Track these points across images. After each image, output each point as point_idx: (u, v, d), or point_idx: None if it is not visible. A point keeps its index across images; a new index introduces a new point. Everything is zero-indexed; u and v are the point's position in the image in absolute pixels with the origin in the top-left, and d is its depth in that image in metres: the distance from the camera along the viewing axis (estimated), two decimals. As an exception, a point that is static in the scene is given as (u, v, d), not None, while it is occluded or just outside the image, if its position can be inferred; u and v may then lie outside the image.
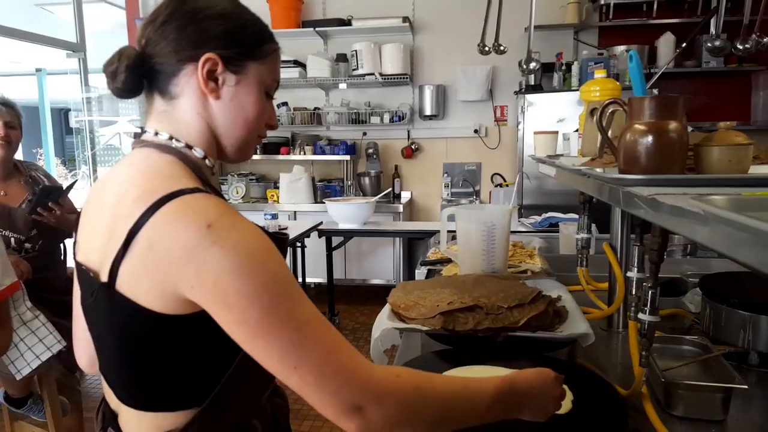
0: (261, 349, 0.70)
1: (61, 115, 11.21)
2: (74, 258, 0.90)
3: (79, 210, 2.39)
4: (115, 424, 0.87)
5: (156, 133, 0.84)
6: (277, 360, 0.70)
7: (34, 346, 2.09)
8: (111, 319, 0.79)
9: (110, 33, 6.51)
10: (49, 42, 4.98)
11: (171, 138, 0.84)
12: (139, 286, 0.74)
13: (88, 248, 0.85)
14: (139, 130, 0.88)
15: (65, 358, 2.18)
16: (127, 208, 0.75)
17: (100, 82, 5.75)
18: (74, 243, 0.90)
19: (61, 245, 2.42)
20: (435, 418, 0.75)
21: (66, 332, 1.94)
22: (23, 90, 8.75)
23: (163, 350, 0.78)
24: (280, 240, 0.81)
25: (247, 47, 0.84)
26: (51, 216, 2.18)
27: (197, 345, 0.78)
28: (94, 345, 0.91)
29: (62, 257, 2.43)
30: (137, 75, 0.82)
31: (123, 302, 0.75)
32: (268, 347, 0.70)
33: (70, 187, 2.37)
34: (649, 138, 0.85)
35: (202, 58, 0.81)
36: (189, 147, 0.84)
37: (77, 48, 5.26)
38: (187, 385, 0.81)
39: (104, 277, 0.77)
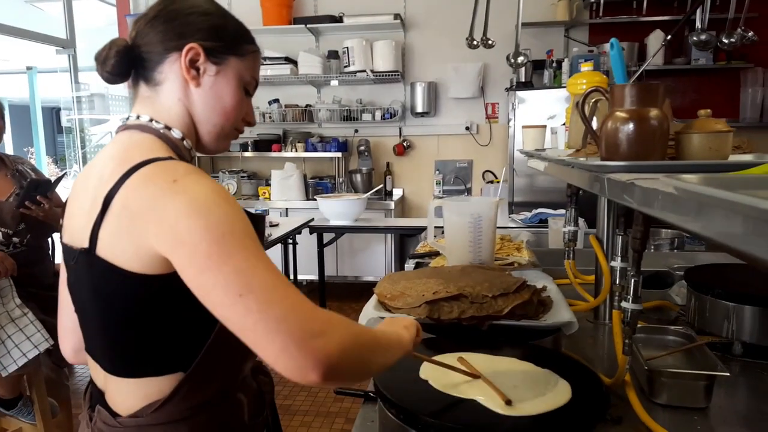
0: (208, 281, 0.70)
1: (53, 113, 11.14)
2: (61, 242, 0.94)
3: (64, 204, 2.40)
4: (102, 401, 0.90)
5: (138, 117, 0.90)
6: (222, 290, 0.69)
7: (21, 344, 2.08)
8: (93, 284, 0.83)
9: (101, 30, 6.48)
10: (39, 38, 4.95)
11: (151, 120, 0.89)
12: (117, 247, 0.78)
13: (73, 227, 0.88)
14: (125, 122, 0.93)
15: (55, 353, 2.17)
16: (106, 179, 0.80)
17: (91, 80, 5.72)
18: (61, 227, 0.94)
19: (49, 240, 2.41)
20: (370, 350, 0.79)
21: (54, 329, 1.94)
22: (14, 88, 8.69)
23: (144, 312, 0.81)
24: (256, 218, 0.85)
25: (228, 42, 0.91)
26: (39, 210, 2.16)
27: (176, 307, 0.81)
28: (79, 323, 0.94)
29: (50, 252, 2.41)
30: (125, 61, 0.89)
31: (103, 265, 0.79)
32: (213, 278, 0.70)
33: (59, 180, 2.35)
34: (630, 125, 0.85)
35: (186, 47, 0.87)
36: (168, 128, 0.90)
37: (67, 44, 5.24)
38: (170, 348, 0.84)
39: (85, 244, 0.81)
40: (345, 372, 0.72)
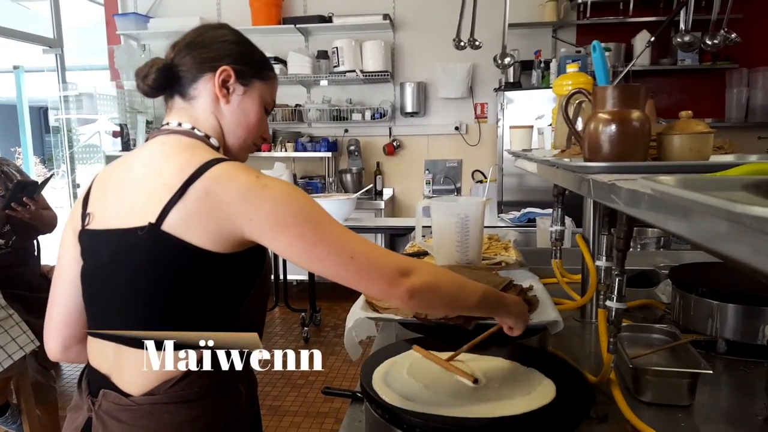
0: (320, 252, 0.88)
1: (40, 113, 11.04)
2: (84, 229, 1.00)
3: (50, 206, 2.38)
4: (110, 384, 0.95)
5: (179, 124, 1.02)
6: (335, 256, 0.88)
7: (6, 345, 2.06)
8: (153, 257, 0.91)
9: (89, 30, 6.43)
10: (26, 37, 4.91)
11: (193, 128, 1.02)
12: (192, 226, 0.89)
13: (114, 213, 0.96)
14: (161, 127, 1.05)
15: (41, 355, 2.15)
16: (172, 171, 0.91)
17: (78, 79, 5.67)
18: (84, 216, 1.01)
19: (35, 242, 2.39)
20: (451, 292, 0.96)
21: (40, 331, 1.92)
22: (0, 88, 8.61)
23: (195, 285, 0.92)
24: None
25: (254, 68, 1.06)
26: (25, 212, 2.15)
27: (220, 284, 0.93)
28: (91, 307, 1.01)
29: (36, 254, 2.39)
30: (163, 78, 1.02)
31: (169, 240, 0.89)
32: (326, 249, 0.88)
33: (45, 182, 2.33)
34: (612, 127, 0.86)
35: (220, 69, 1.02)
36: (207, 137, 1.03)
37: (54, 44, 5.20)
38: (202, 321, 0.93)
39: (148, 220, 0.90)
40: (428, 299, 0.92)
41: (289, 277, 4.70)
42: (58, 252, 1.07)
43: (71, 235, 1.04)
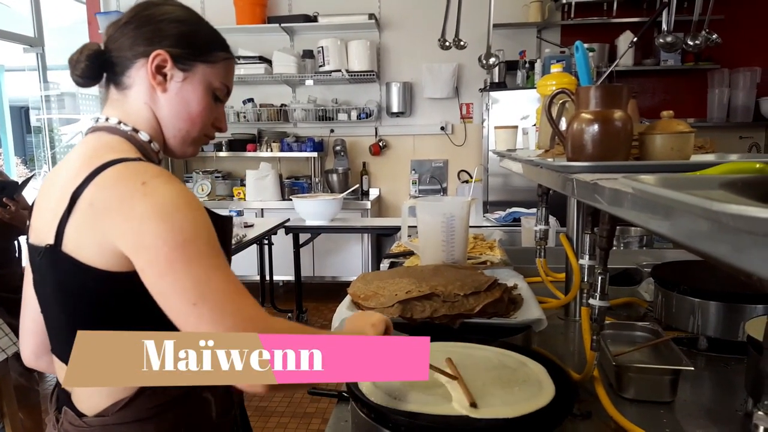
0: (164, 288, 0.73)
1: (21, 113, 10.88)
2: (27, 242, 0.93)
3: (31, 207, 2.35)
4: (69, 403, 0.90)
5: (107, 119, 0.92)
6: (177, 297, 0.72)
7: (-12, 347, 2.03)
8: (57, 280, 0.83)
9: (70, 29, 6.35)
10: (5, 36, 4.83)
11: (119, 122, 0.91)
12: (82, 243, 0.79)
13: (39, 226, 0.88)
14: (94, 123, 0.94)
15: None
16: (73, 177, 0.81)
17: (60, 79, 5.60)
18: (28, 228, 0.94)
19: (15, 242, 2.36)
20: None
21: (22, 332, 1.89)
22: (-21, 87, 8.46)
23: (107, 309, 0.82)
24: (224, 220, 0.87)
25: (196, 49, 0.92)
26: (5, 212, 2.12)
27: (139, 305, 0.79)
28: (45, 323, 0.93)
29: (17, 255, 2.36)
30: (96, 65, 0.91)
31: (68, 261, 0.80)
32: (171, 284, 0.72)
33: (26, 182, 2.31)
34: (595, 126, 0.87)
35: (153, 54, 0.89)
36: (135, 131, 0.91)
37: (35, 42, 5.13)
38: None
39: (50, 240, 0.81)
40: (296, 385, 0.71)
41: (275, 277, 4.68)
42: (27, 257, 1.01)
43: None
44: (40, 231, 0.87)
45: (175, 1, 0.96)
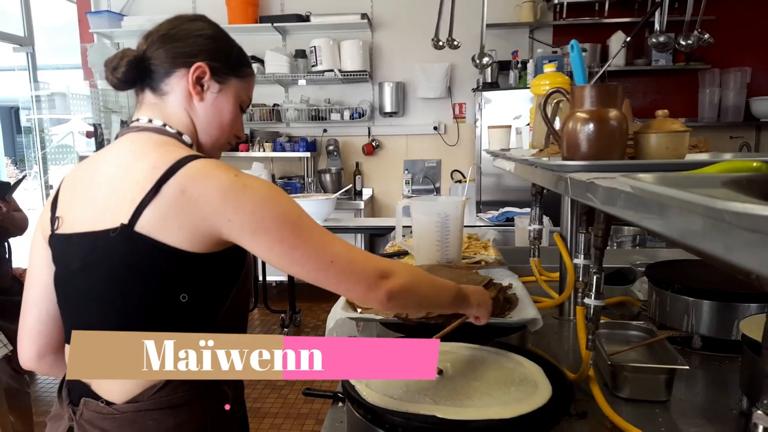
0: (300, 256, 0.87)
1: (12, 113, 10.80)
2: (53, 233, 0.97)
3: (22, 209, 2.33)
4: (88, 392, 0.93)
5: (150, 120, 0.98)
6: (315, 261, 0.88)
7: (-22, 350, 2.01)
8: (127, 259, 0.88)
9: (60, 28, 6.30)
10: (-6, 35, 4.79)
11: (165, 125, 0.98)
12: (167, 226, 0.86)
13: (84, 215, 0.93)
14: (131, 123, 1.01)
15: (14, 360, 2.10)
16: (144, 169, 0.88)
17: (51, 79, 5.56)
18: (53, 219, 0.97)
19: (6, 244, 2.33)
20: (427, 292, 0.99)
21: (12, 335, 1.87)
22: (-32, 87, 8.38)
23: (172, 286, 0.89)
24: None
25: (231, 64, 1.03)
26: (-4, 214, 2.10)
27: (198, 285, 0.91)
28: (67, 318, 0.97)
29: (7, 256, 2.34)
30: (135, 71, 0.98)
31: (144, 241, 0.86)
32: (305, 253, 0.88)
33: (18, 183, 2.29)
34: (590, 125, 0.87)
35: (194, 65, 0.98)
36: (180, 134, 0.99)
37: (25, 42, 5.09)
38: (183, 322, 0.91)
39: (120, 222, 0.87)
40: (406, 301, 0.96)
41: (268, 278, 4.66)
42: (29, 257, 1.03)
43: (41, 239, 1.00)
44: (88, 221, 0.91)
45: (205, 17, 1.06)
